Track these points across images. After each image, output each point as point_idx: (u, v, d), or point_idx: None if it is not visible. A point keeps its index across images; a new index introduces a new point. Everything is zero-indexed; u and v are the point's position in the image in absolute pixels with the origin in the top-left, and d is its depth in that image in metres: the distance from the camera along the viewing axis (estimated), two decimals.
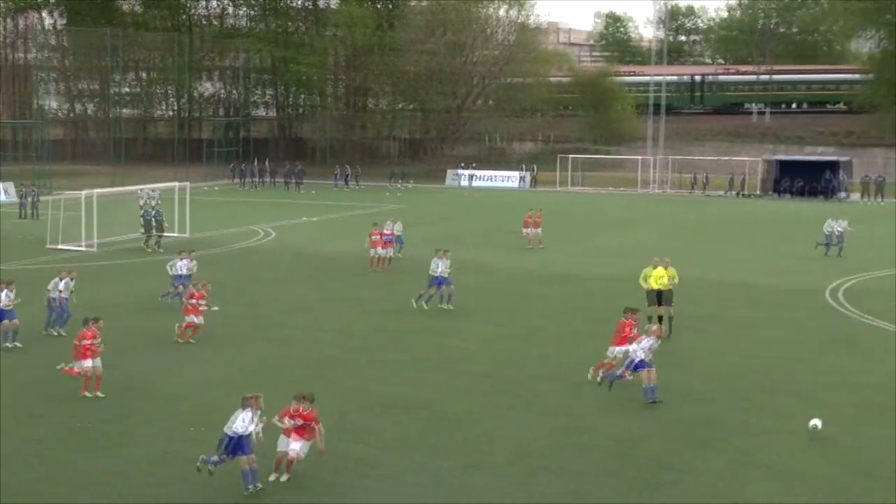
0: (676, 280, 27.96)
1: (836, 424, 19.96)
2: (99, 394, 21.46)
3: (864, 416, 20.49)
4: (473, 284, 36.17)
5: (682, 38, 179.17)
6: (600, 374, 22.28)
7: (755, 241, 49.94)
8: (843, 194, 75.88)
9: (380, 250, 39.11)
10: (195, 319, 26.65)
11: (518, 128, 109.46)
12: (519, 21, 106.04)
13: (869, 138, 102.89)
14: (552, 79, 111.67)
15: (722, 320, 30.19)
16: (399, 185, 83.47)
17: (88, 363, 21.49)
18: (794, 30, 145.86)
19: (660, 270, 27.76)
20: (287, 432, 16.72)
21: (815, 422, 19.10)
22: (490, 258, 42.56)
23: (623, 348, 22.01)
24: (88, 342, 21.57)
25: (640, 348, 21.26)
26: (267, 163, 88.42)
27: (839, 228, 44.18)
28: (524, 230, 46.26)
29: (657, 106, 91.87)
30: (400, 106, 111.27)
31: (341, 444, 18.33)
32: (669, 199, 77.28)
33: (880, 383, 22.77)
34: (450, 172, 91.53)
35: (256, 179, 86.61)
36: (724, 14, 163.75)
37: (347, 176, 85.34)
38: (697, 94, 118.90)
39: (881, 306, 31.95)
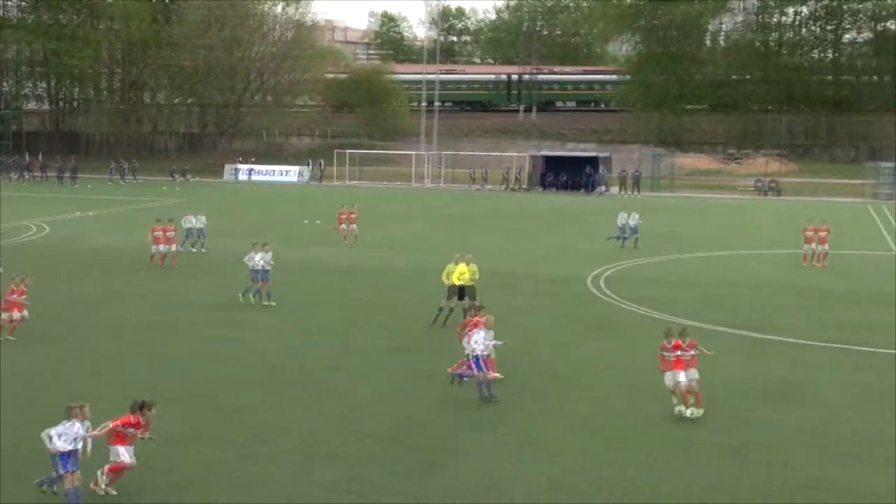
0: (478, 276, 28.25)
1: (599, 404, 20.78)
2: None
3: (625, 396, 21.36)
4: None
5: (454, 38, 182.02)
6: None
7: (521, 232, 51.32)
8: (602, 188, 78.90)
9: (161, 247, 37.80)
10: (16, 315, 25.61)
11: (296, 123, 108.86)
12: (295, 19, 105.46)
13: (626, 136, 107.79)
14: (329, 75, 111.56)
15: (490, 308, 30.60)
16: (180, 179, 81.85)
17: None
18: (558, 32, 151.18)
19: (462, 266, 27.96)
20: (115, 440, 15.43)
21: (681, 408, 19.47)
22: (273, 251, 42.09)
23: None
24: None
25: (473, 342, 20.78)
26: (39, 157, 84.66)
27: (632, 222, 45.31)
28: (340, 226, 45.87)
29: (430, 103, 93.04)
30: (177, 100, 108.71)
31: None
32: (442, 192, 78.50)
33: (640, 366, 23.77)
34: (228, 167, 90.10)
35: (27, 174, 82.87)
36: (493, 16, 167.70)
37: (124, 170, 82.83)
38: (514, 92, 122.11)
39: (638, 293, 33.37)
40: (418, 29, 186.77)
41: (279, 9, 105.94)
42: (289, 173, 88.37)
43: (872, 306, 31.80)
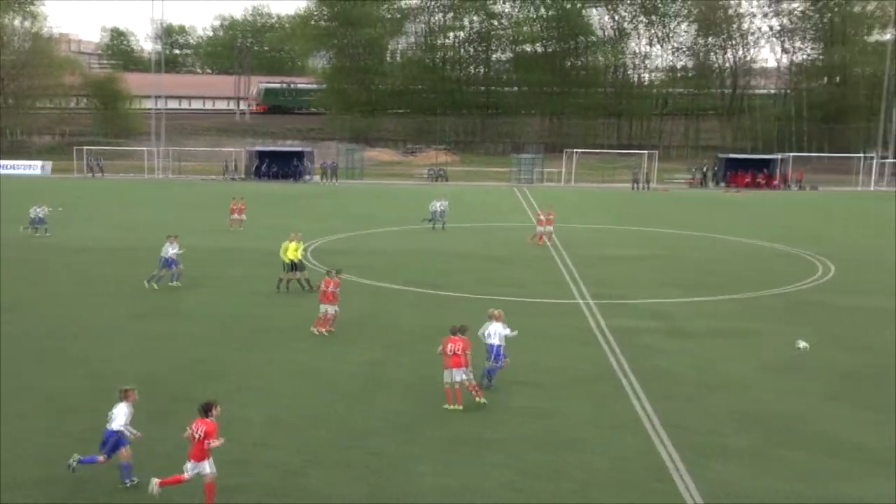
0: (300, 252, 27.68)
1: (311, 353, 20.59)
2: None
3: (332, 346, 21.27)
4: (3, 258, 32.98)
5: (178, 51, 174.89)
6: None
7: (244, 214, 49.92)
8: (308, 177, 78.33)
9: None
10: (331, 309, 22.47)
11: (38, 123, 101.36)
12: (33, 31, 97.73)
13: (325, 133, 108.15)
14: (67, 82, 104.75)
15: (219, 279, 29.94)
16: None
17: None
18: (266, 48, 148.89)
19: (289, 244, 27.36)
20: (203, 455, 12.68)
21: (804, 344, 20.41)
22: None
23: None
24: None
25: (490, 334, 17.99)
26: None
27: (440, 207, 44.50)
28: (232, 216, 43.24)
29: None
30: None
31: None
32: (173, 183, 75.28)
33: (342, 320, 23.69)
34: None
35: None
36: (210, 33, 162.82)
37: None
38: None
39: (340, 261, 33.29)
40: (146, 43, 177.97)
41: (17, 22, 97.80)
42: (32, 167, 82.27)
43: (517, 266, 33.48)
